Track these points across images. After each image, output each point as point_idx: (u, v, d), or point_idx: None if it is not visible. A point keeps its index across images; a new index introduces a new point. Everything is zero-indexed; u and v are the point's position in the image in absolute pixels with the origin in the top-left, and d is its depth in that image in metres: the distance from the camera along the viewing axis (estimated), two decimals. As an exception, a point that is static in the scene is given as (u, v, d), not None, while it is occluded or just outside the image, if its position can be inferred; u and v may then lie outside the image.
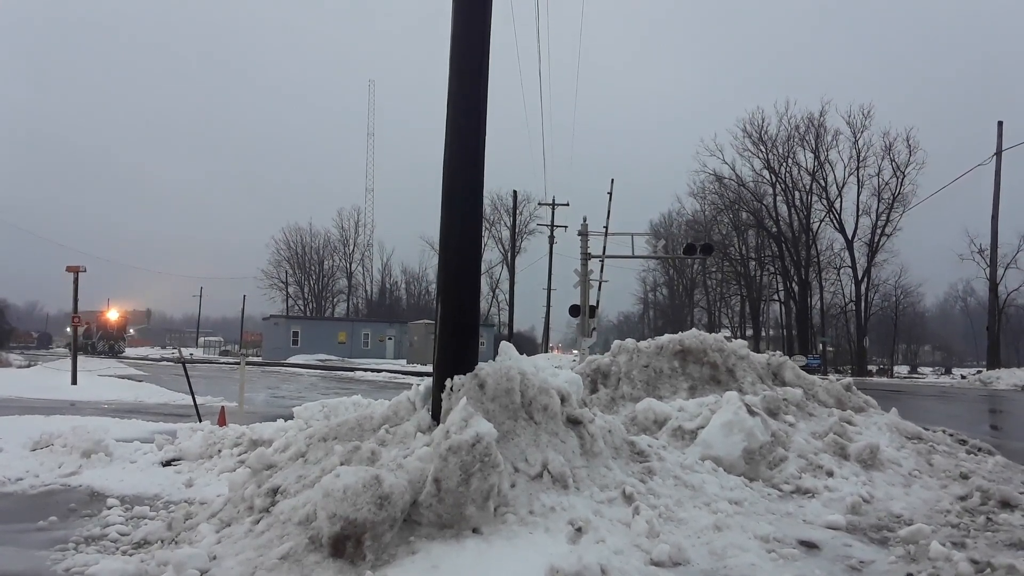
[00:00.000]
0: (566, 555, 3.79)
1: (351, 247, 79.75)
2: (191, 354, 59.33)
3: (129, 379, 23.09)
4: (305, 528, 4.00)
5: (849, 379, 9.20)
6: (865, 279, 51.39)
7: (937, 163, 48.75)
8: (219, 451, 7.56)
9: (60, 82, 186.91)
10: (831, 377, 16.62)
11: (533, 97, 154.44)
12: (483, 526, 4.05)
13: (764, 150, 53.55)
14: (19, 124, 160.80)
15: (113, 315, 60.84)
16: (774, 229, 54.55)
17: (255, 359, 49.26)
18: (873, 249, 50.64)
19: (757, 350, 11.17)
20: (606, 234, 32.18)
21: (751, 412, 6.24)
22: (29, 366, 28.34)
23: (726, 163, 54.62)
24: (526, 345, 63.10)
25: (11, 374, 22.02)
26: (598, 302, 35.89)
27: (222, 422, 9.19)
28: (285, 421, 8.90)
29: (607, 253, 32.51)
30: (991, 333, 38.54)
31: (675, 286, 76.37)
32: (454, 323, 5.30)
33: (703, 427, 6.24)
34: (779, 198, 54.36)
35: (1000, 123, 36.41)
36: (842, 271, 54.02)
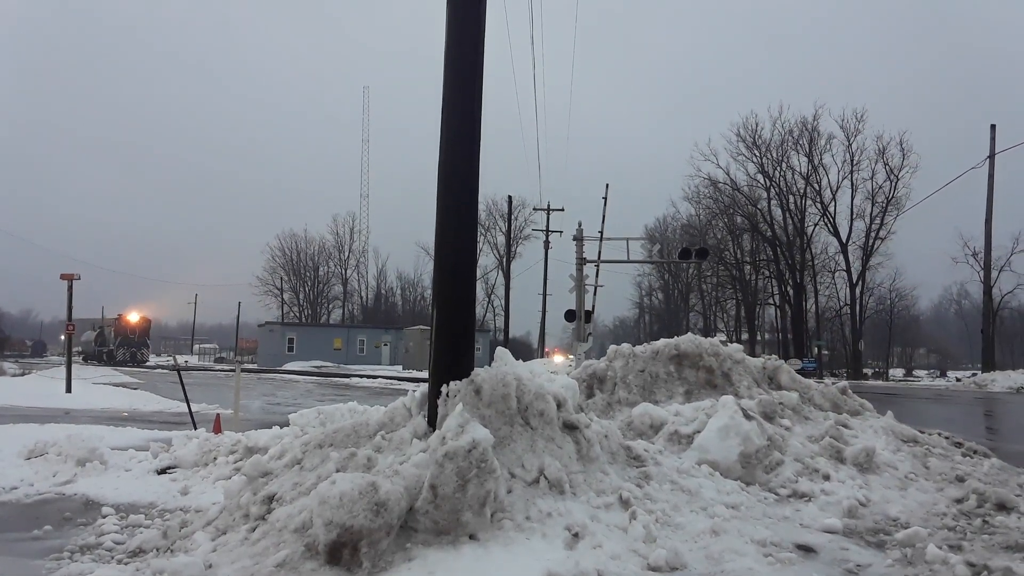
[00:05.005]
0: (563, 561, 3.79)
1: (346, 253, 79.79)
2: (186, 361, 58.60)
3: (124, 387, 23.06)
4: (301, 535, 3.98)
5: (845, 382, 9.21)
6: (860, 282, 51.61)
7: (930, 166, 49.15)
8: (214, 459, 7.53)
9: (57, 84, 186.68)
10: (827, 381, 16.64)
11: (528, 101, 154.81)
12: (480, 532, 4.05)
13: (758, 154, 53.87)
14: (14, 127, 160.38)
15: (133, 318, 53.24)
16: (769, 233, 54.74)
17: (250, 366, 49.14)
18: (867, 253, 50.88)
19: (753, 354, 11.18)
20: (601, 239, 32.18)
21: (747, 416, 6.24)
22: (23, 374, 28.25)
23: (720, 167, 54.95)
24: (522, 350, 63.11)
25: (5, 382, 21.92)
26: (593, 307, 35.91)
27: (217, 429, 9.16)
28: (281, 428, 8.88)
29: (602, 258, 32.52)
30: (985, 336, 38.72)
31: (670, 290, 76.55)
32: (450, 329, 5.30)
33: (699, 432, 6.24)
34: (773, 202, 54.67)
35: (993, 126, 36.65)
36: (837, 275, 54.32)
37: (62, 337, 28.47)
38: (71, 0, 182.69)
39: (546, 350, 57.31)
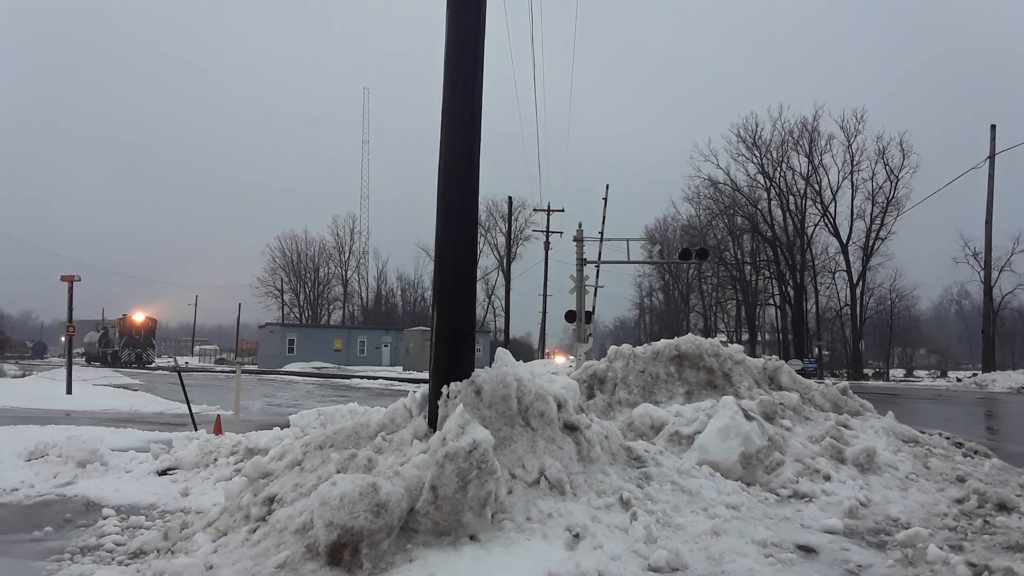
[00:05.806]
0: (564, 561, 3.78)
1: (347, 254, 79.88)
2: (186, 362, 58.47)
3: (124, 388, 23.06)
4: (302, 537, 3.98)
5: (845, 383, 9.21)
6: (860, 283, 51.60)
7: (930, 166, 49.22)
8: (215, 460, 7.53)
9: (57, 84, 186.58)
10: (827, 381, 16.65)
11: (527, 101, 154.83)
12: (480, 533, 4.04)
13: (758, 155, 53.88)
14: (13, 126, 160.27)
15: (138, 318, 52.82)
16: (769, 234, 54.73)
17: (251, 367, 49.12)
18: (868, 253, 50.86)
19: (753, 355, 11.19)
20: (601, 239, 32.22)
21: (748, 417, 6.24)
22: (24, 376, 28.28)
23: (720, 168, 54.97)
24: (522, 351, 63.11)
25: (6, 384, 21.92)
26: (594, 308, 35.94)
27: (218, 431, 9.16)
28: (281, 429, 8.88)
29: (602, 258, 32.56)
30: (986, 336, 38.68)
31: (671, 291, 76.52)
32: (450, 330, 5.30)
33: (700, 432, 6.24)
34: (774, 203, 54.67)
35: (993, 127, 36.63)
36: (837, 275, 54.30)
37: (63, 338, 28.49)
38: (71, 0, 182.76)
39: (546, 351, 57.29)
